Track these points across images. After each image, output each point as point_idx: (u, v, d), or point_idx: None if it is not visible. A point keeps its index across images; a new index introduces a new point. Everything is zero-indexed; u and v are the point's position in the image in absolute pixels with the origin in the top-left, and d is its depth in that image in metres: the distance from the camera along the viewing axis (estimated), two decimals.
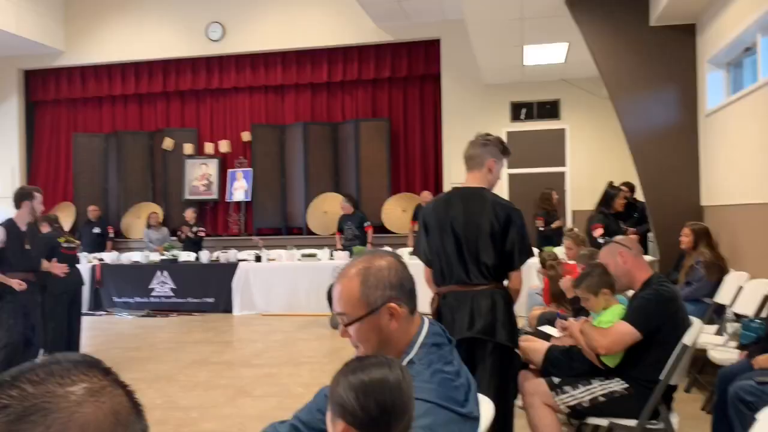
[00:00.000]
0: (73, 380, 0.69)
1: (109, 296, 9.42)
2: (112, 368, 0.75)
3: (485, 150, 2.97)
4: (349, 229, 9.34)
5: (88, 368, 0.72)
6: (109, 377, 0.73)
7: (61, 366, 0.71)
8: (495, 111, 10.21)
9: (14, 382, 0.68)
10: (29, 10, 10.59)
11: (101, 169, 11.71)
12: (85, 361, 0.73)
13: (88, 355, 0.75)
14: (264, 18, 10.79)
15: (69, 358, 0.73)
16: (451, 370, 1.58)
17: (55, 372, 0.70)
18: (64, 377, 0.69)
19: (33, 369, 0.70)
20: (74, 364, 0.72)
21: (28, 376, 0.69)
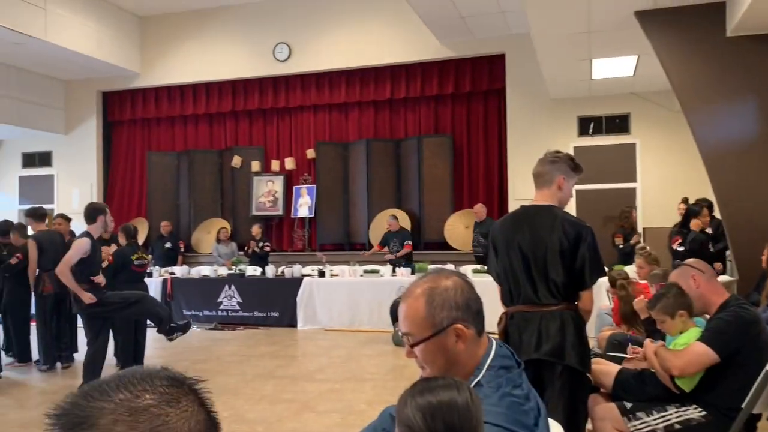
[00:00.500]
0: (138, 394, 0.71)
1: (180, 309, 9.71)
2: (195, 383, 0.75)
3: (554, 167, 2.90)
4: (394, 245, 9.71)
5: (159, 382, 0.72)
6: (180, 391, 0.73)
7: (128, 380, 0.72)
8: (562, 126, 10.02)
9: (84, 393, 0.71)
10: (109, 36, 11.15)
11: (173, 186, 12.15)
12: (157, 375, 0.74)
13: (167, 368, 0.75)
14: (329, 38, 11.00)
15: (145, 372, 0.74)
16: (520, 393, 1.54)
17: (121, 385, 0.71)
18: (130, 391, 0.70)
19: (106, 381, 0.73)
20: (144, 377, 0.73)
21: (99, 388, 0.71)
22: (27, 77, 11.55)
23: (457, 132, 10.98)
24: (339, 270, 9.31)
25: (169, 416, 0.70)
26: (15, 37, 9.52)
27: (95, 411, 0.68)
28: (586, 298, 2.83)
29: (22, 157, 12.96)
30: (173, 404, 0.71)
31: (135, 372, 0.74)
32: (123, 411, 0.68)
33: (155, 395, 0.71)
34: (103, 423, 0.67)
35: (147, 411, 0.69)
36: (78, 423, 0.68)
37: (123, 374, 0.73)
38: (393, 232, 9.81)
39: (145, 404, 0.69)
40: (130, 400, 0.69)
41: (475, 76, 10.64)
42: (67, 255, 5.37)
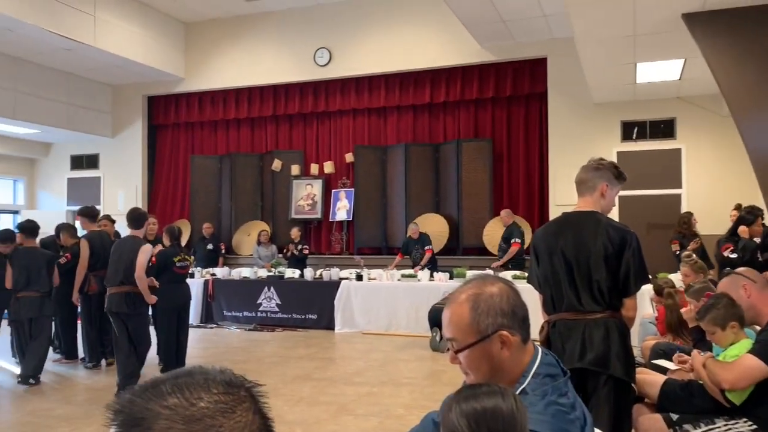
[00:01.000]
0: (193, 401, 0.70)
1: (220, 310, 9.87)
2: (253, 387, 0.75)
3: (598, 174, 2.86)
4: (416, 252, 9.76)
5: (216, 388, 0.72)
6: (236, 398, 0.72)
7: (185, 383, 0.72)
8: (605, 131, 9.86)
9: (141, 391, 0.72)
10: (155, 41, 11.43)
11: (215, 188, 12.36)
12: (214, 379, 0.73)
13: (225, 371, 0.75)
14: (369, 42, 11.05)
15: (202, 376, 0.73)
16: (566, 402, 1.51)
17: (177, 388, 0.71)
18: (186, 397, 0.71)
19: (163, 381, 0.73)
20: (201, 382, 0.72)
21: (156, 388, 0.71)
22: (76, 82, 11.91)
23: (497, 136, 10.90)
24: (377, 274, 9.33)
25: (222, 427, 0.69)
26: (65, 43, 9.83)
27: (151, 414, 0.69)
28: (630, 305, 2.78)
29: (71, 159, 13.36)
30: (227, 414, 0.70)
31: (193, 374, 0.73)
32: (178, 418, 0.68)
33: (211, 403, 0.70)
34: (157, 428, 0.68)
35: (201, 421, 0.69)
36: (134, 423, 0.69)
37: (181, 375, 0.73)
38: (414, 240, 9.79)
39: (200, 413, 0.69)
40: (185, 407, 0.69)
41: (516, 80, 10.55)
42: (141, 260, 5.56)
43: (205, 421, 0.69)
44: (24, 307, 6.24)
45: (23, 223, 6.67)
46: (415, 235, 9.83)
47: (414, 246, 9.83)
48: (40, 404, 5.40)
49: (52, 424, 4.84)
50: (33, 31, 9.27)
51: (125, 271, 5.62)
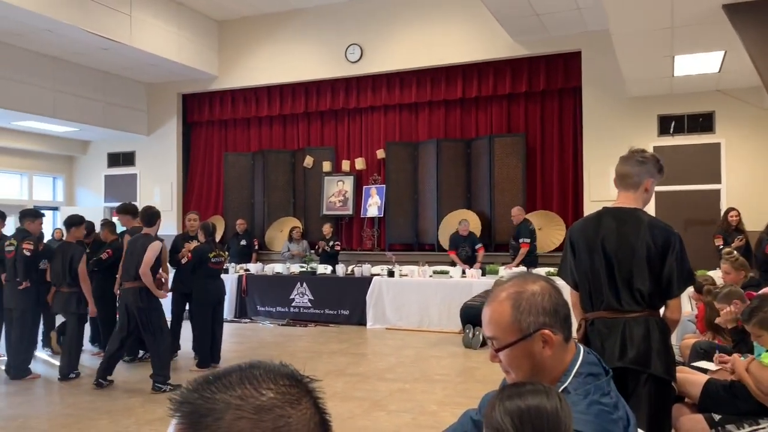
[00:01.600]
0: (262, 392, 0.71)
1: (254, 305, 9.99)
2: (311, 382, 0.75)
3: (643, 169, 2.75)
4: (464, 249, 9.62)
5: (281, 380, 0.73)
6: (300, 391, 0.73)
7: (251, 374, 0.73)
8: (641, 125, 9.67)
9: (206, 383, 0.72)
10: (189, 40, 11.58)
11: (248, 185, 12.49)
12: (279, 372, 0.74)
13: (286, 365, 0.76)
14: (400, 38, 11.02)
15: (267, 368, 0.74)
16: (609, 402, 1.49)
17: (245, 380, 0.72)
18: (254, 387, 0.71)
19: (229, 373, 0.74)
20: (267, 374, 0.73)
21: (222, 380, 0.72)
22: (113, 81, 12.14)
23: (530, 131, 10.78)
24: (408, 270, 9.33)
25: (291, 417, 0.70)
26: (102, 42, 10.02)
27: (220, 404, 0.69)
28: (674, 307, 2.71)
29: (108, 157, 13.63)
30: (295, 405, 0.72)
31: (257, 367, 0.74)
32: (249, 408, 0.69)
33: (278, 394, 0.71)
34: (228, 418, 0.68)
35: (271, 411, 0.70)
36: (203, 414, 0.69)
37: (245, 368, 0.74)
38: (463, 237, 9.70)
39: (269, 403, 0.70)
40: (255, 397, 0.70)
41: (550, 74, 10.41)
42: (147, 257, 5.71)
43: (274, 411, 0.70)
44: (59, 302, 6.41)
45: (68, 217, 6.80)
46: (464, 232, 9.68)
47: (462, 243, 9.69)
48: (81, 397, 5.54)
49: (93, 416, 4.95)
50: (71, 32, 9.48)
51: (137, 267, 5.76)
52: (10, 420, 4.87)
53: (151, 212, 6.08)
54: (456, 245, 9.76)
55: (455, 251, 9.71)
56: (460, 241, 9.73)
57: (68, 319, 6.38)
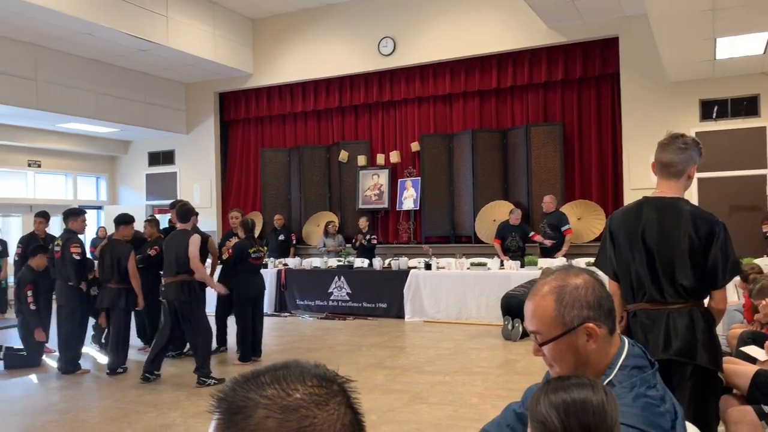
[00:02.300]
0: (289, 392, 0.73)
1: (293, 299, 10.12)
2: (345, 382, 0.77)
3: (686, 156, 2.66)
4: (513, 240, 9.43)
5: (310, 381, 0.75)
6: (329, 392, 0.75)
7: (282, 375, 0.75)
8: (682, 110, 9.44)
9: (242, 381, 0.75)
10: (225, 39, 11.73)
11: (285, 180, 12.63)
12: (309, 373, 0.76)
13: (319, 365, 0.78)
14: (433, 29, 10.96)
15: (298, 369, 0.76)
16: (655, 395, 1.48)
17: (275, 380, 0.75)
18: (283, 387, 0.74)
19: (263, 372, 0.76)
20: (297, 375, 0.75)
21: (256, 379, 0.75)
22: (152, 81, 12.39)
23: (568, 120, 10.62)
24: (445, 262, 9.31)
25: (316, 418, 0.72)
26: (141, 44, 10.23)
27: (251, 403, 0.72)
28: (719, 298, 2.65)
29: (148, 156, 13.93)
30: (321, 406, 0.73)
31: (290, 367, 0.77)
32: (276, 408, 0.72)
33: (306, 395, 0.73)
34: (256, 416, 0.71)
35: (297, 411, 0.72)
36: (235, 411, 0.72)
37: (279, 368, 0.77)
38: (513, 226, 9.48)
39: (295, 404, 0.72)
40: (282, 397, 0.72)
41: (587, 61, 10.24)
42: (192, 252, 5.86)
43: (300, 411, 0.72)
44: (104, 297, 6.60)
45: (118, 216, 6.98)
46: (515, 221, 9.45)
47: (511, 233, 9.47)
48: (129, 391, 5.70)
49: (141, 409, 5.10)
50: (111, 34, 9.70)
51: (178, 261, 5.89)
52: (63, 413, 5.05)
53: (185, 208, 6.21)
54: (504, 235, 9.54)
55: (501, 241, 9.51)
56: (509, 231, 9.50)
57: (115, 314, 6.55)
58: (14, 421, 4.90)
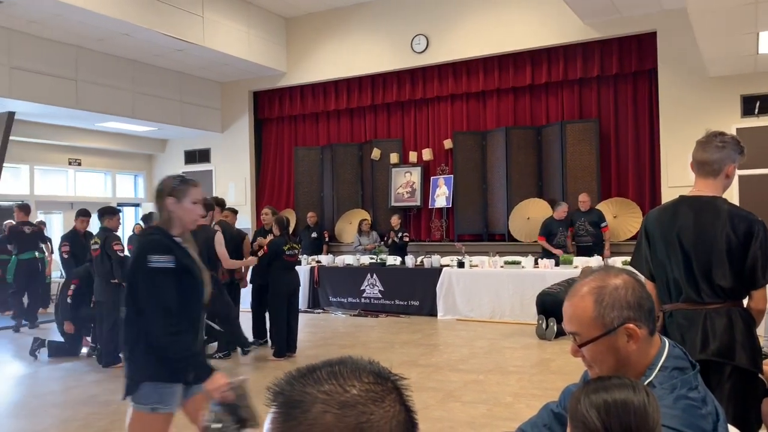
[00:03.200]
0: (347, 388, 0.74)
1: (326, 295, 10.19)
2: (399, 380, 0.78)
3: (723, 154, 2.62)
4: (562, 234, 9.29)
5: (366, 377, 0.76)
6: (384, 389, 0.76)
7: (338, 370, 0.76)
8: (722, 106, 9.22)
9: (299, 376, 0.77)
10: (258, 38, 11.86)
11: (318, 178, 12.71)
12: (365, 369, 0.77)
13: (373, 362, 0.79)
14: (466, 26, 10.90)
15: (354, 365, 0.77)
16: (697, 396, 1.46)
17: (332, 375, 0.76)
18: (340, 383, 0.75)
19: (319, 367, 0.77)
20: (353, 371, 0.76)
21: (313, 374, 0.76)
22: (188, 81, 12.59)
23: (604, 116, 10.46)
24: (478, 260, 9.27)
25: (373, 414, 0.73)
26: (177, 44, 10.40)
27: (309, 397, 0.73)
28: (759, 297, 2.59)
29: (185, 154, 14.16)
30: (378, 402, 0.74)
31: (345, 363, 0.78)
32: (334, 403, 0.73)
33: (362, 391, 0.74)
34: (314, 411, 0.72)
35: (354, 407, 0.73)
36: (293, 405, 0.73)
37: (335, 363, 0.78)
38: (559, 221, 9.31)
39: (353, 400, 0.73)
40: (339, 393, 0.73)
41: (623, 56, 10.06)
42: (221, 252, 6.09)
43: (357, 407, 0.73)
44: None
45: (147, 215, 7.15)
46: (561, 216, 9.31)
47: (558, 228, 9.31)
48: None
49: None
50: (148, 35, 9.88)
51: (201, 257, 5.97)
52: (104, 405, 5.18)
53: (204, 204, 6.32)
54: (550, 231, 9.34)
55: (545, 238, 9.34)
56: (555, 227, 9.33)
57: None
58: (55, 413, 5.04)
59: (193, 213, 2.73)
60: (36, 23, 9.27)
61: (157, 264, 2.52)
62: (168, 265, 2.53)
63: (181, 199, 2.69)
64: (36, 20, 9.13)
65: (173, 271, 2.55)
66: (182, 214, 2.68)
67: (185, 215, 2.70)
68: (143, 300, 2.52)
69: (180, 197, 2.69)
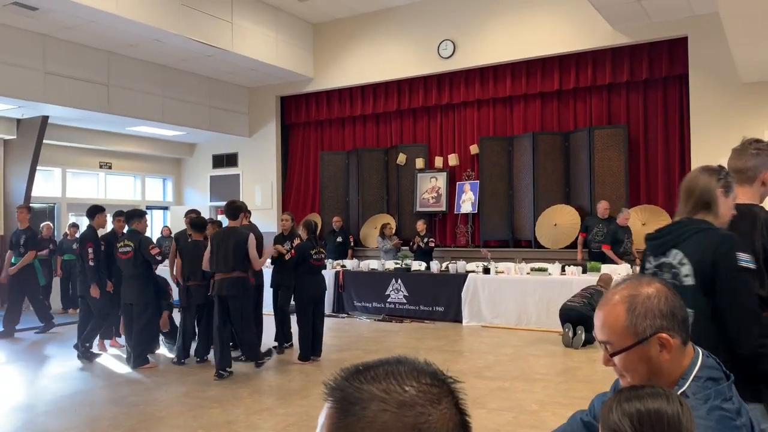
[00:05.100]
0: (405, 388, 0.74)
1: (351, 300, 10.21)
2: (454, 382, 0.77)
3: (759, 161, 2.57)
4: (629, 241, 8.91)
5: (424, 378, 0.75)
6: (441, 391, 0.75)
7: (396, 370, 0.76)
8: (755, 112, 9.05)
9: (357, 373, 0.77)
10: (286, 44, 11.96)
11: (343, 183, 12.76)
12: (423, 370, 0.77)
13: (430, 363, 0.78)
14: (493, 31, 10.87)
15: (412, 365, 0.77)
16: (731, 408, 1.43)
17: (390, 374, 0.75)
18: (399, 382, 0.74)
19: (376, 366, 0.77)
20: (411, 371, 0.76)
21: (371, 372, 0.76)
22: (216, 86, 12.75)
23: (633, 122, 10.34)
24: (504, 267, 9.20)
25: (431, 416, 0.73)
26: (206, 50, 10.55)
27: (367, 395, 0.73)
28: None
29: (213, 158, 14.33)
30: (435, 404, 0.74)
31: (403, 363, 0.77)
32: (393, 403, 0.72)
33: (421, 392, 0.74)
34: (373, 408, 0.72)
35: (413, 407, 0.72)
36: (351, 401, 0.73)
37: (392, 362, 0.78)
38: (623, 228, 8.97)
39: (411, 400, 0.73)
40: (399, 392, 0.73)
41: (653, 62, 9.93)
42: (253, 254, 6.23)
43: (416, 408, 0.72)
44: (194, 294, 6.88)
45: (194, 219, 7.25)
46: (624, 222, 8.98)
47: (624, 234, 8.88)
48: (193, 386, 5.88)
49: (205, 404, 5.25)
50: (178, 41, 10.04)
51: (235, 258, 6.09)
52: (132, 406, 5.25)
53: (234, 206, 6.46)
54: (616, 238, 8.88)
55: (611, 246, 8.91)
56: (621, 233, 8.89)
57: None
58: (84, 412, 5.13)
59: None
60: (70, 29, 9.49)
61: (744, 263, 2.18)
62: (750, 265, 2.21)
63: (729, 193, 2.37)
64: (70, 26, 9.34)
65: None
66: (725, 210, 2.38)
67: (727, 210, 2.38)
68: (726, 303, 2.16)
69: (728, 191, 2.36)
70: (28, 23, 9.20)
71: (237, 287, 6.15)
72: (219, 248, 6.23)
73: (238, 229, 6.35)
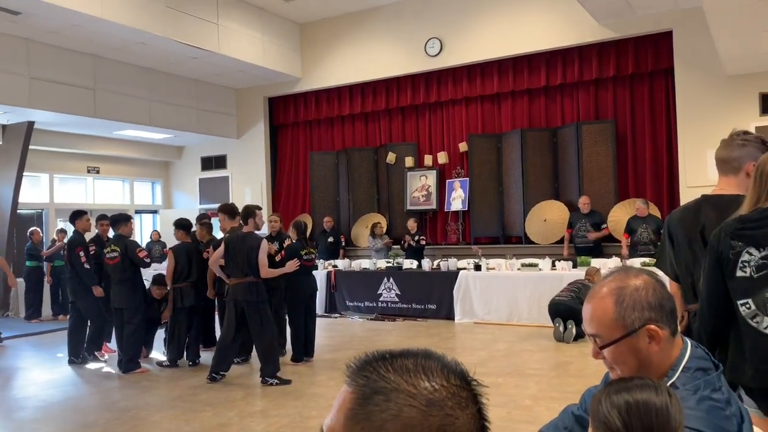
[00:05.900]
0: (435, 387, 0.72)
1: (343, 300, 10.20)
2: (479, 386, 0.76)
3: (744, 152, 2.60)
4: (645, 231, 8.87)
5: (454, 379, 0.74)
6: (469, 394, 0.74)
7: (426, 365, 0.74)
8: (740, 105, 9.11)
9: (383, 360, 0.74)
10: (273, 44, 11.93)
11: (333, 183, 12.74)
12: (453, 370, 0.75)
13: (459, 363, 0.77)
14: (480, 28, 10.88)
15: (442, 363, 0.75)
16: (720, 398, 1.43)
17: (420, 369, 0.73)
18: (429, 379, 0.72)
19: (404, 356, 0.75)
20: (441, 369, 0.74)
21: (399, 363, 0.74)
22: (203, 88, 12.69)
23: (620, 117, 10.39)
24: (495, 263, 9.22)
25: (458, 419, 0.71)
26: (193, 51, 10.49)
27: (393, 386, 0.71)
28: None
29: (201, 161, 14.27)
30: (463, 408, 0.72)
31: (432, 358, 0.76)
32: (422, 399, 0.70)
33: (450, 393, 0.72)
34: (398, 401, 0.70)
35: (441, 408, 0.71)
36: (376, 391, 0.71)
37: (420, 355, 0.76)
38: (641, 218, 8.98)
39: (442, 401, 0.71)
40: (428, 390, 0.71)
41: (639, 56, 9.98)
42: (262, 259, 6.05)
43: (445, 409, 0.71)
44: (185, 296, 6.84)
45: (180, 221, 7.20)
46: (643, 213, 8.93)
47: (641, 224, 8.89)
48: (186, 390, 5.85)
49: (197, 408, 5.22)
50: (163, 43, 9.98)
51: (249, 263, 5.99)
52: (123, 411, 5.22)
53: (246, 210, 6.38)
54: (632, 228, 8.95)
55: (629, 235, 8.98)
56: (639, 223, 8.91)
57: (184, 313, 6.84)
58: (76, 418, 5.09)
59: None
60: (54, 33, 9.41)
61: None
62: None
63: None
64: (54, 30, 9.27)
65: None
66: None
67: None
68: None
69: None
70: (11, 28, 9.12)
71: (251, 292, 6.02)
72: (234, 253, 6.14)
73: (252, 234, 6.26)
